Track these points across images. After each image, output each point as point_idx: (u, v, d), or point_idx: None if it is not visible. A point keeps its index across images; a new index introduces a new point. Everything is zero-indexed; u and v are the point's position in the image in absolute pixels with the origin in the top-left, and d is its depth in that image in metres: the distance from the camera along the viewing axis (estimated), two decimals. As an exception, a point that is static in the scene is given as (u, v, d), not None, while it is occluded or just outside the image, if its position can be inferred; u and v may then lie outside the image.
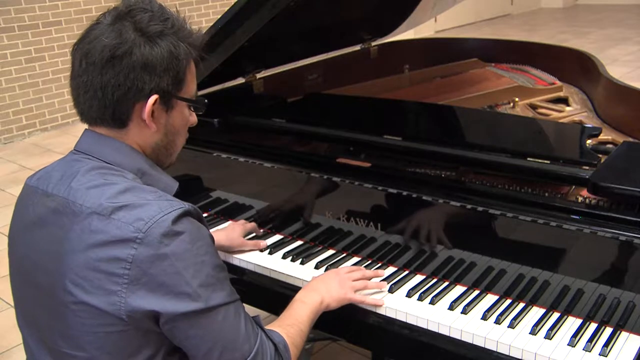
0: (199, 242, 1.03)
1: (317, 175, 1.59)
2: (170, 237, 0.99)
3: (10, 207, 1.20)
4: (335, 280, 1.38)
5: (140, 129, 1.11)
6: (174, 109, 1.13)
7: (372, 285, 1.42)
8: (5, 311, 2.77)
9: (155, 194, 1.06)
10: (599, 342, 1.22)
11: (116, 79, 1.05)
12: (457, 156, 1.51)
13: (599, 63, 2.26)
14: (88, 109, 1.09)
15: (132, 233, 0.99)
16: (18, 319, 1.19)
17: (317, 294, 1.33)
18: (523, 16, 9.81)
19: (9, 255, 1.18)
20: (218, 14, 1.68)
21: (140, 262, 0.98)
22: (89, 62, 1.06)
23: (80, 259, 1.01)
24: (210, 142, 1.78)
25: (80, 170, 1.08)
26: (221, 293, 1.05)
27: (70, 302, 1.02)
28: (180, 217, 1.02)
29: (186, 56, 1.11)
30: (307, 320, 1.27)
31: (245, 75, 2.08)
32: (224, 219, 1.80)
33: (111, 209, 1.01)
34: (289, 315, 1.26)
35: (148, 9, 1.09)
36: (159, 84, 1.08)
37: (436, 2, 2.54)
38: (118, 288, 0.99)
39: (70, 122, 5.53)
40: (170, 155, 1.20)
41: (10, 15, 5.03)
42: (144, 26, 1.07)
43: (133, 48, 1.05)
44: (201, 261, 1.03)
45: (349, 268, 1.45)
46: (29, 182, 1.17)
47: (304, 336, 1.24)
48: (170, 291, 1.00)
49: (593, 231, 1.24)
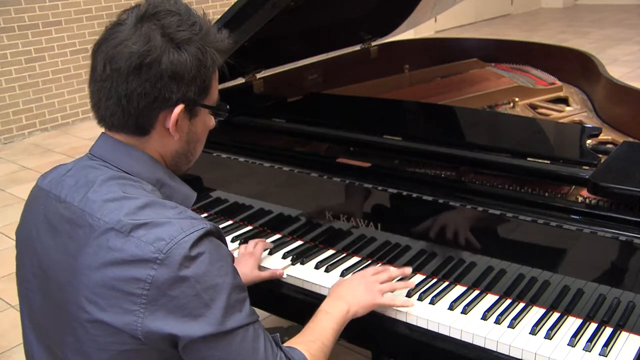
0: (219, 263, 1.00)
1: (317, 175, 1.59)
2: (192, 260, 0.96)
3: (10, 207, 1.19)
4: (362, 285, 1.34)
5: (162, 138, 1.08)
6: (197, 116, 1.10)
7: (399, 287, 1.39)
8: (5, 311, 2.77)
9: (176, 211, 1.02)
10: (599, 342, 1.23)
11: (142, 88, 1.01)
12: (457, 156, 1.51)
13: (599, 63, 2.26)
14: (110, 116, 1.05)
15: (153, 254, 0.95)
16: (23, 319, 1.16)
17: (343, 303, 1.28)
18: (523, 16, 9.81)
19: (17, 256, 1.16)
20: (218, 14, 1.68)
21: (160, 284, 0.95)
22: (114, 68, 1.01)
23: (96, 276, 0.98)
24: (210, 142, 1.77)
25: (97, 179, 1.04)
26: (240, 315, 1.01)
27: (84, 319, 0.99)
28: (201, 237, 0.98)
29: (213, 63, 1.07)
30: (331, 333, 1.22)
31: (245, 75, 2.08)
32: (224, 219, 1.81)
33: (130, 227, 0.97)
34: (312, 329, 1.22)
35: (175, 11, 1.04)
36: (186, 93, 1.05)
37: (436, 2, 2.54)
38: (136, 308, 0.96)
39: (70, 122, 5.53)
40: (190, 162, 1.17)
41: (10, 15, 5.03)
42: (172, 32, 1.02)
43: (162, 56, 1.01)
44: (221, 282, 0.99)
45: (375, 269, 1.41)
46: (40, 183, 1.13)
47: (328, 351, 1.19)
48: (189, 314, 0.97)
49: (593, 231, 1.25)
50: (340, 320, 1.25)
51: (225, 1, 6.50)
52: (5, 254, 3.21)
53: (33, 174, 4.26)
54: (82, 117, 5.56)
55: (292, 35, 2.09)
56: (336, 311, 1.26)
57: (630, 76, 5.72)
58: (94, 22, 5.51)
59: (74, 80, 5.49)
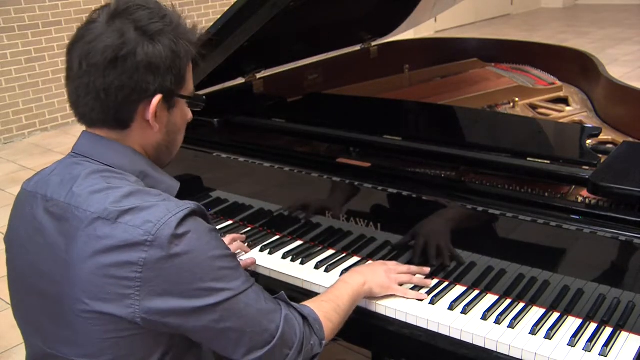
0: (207, 237, 1.03)
1: (317, 175, 1.59)
2: (180, 237, 0.99)
3: (10, 207, 1.19)
4: (382, 269, 1.40)
5: (142, 130, 1.10)
6: (175, 107, 1.13)
7: (416, 281, 1.43)
8: (5, 311, 2.77)
9: (159, 197, 1.04)
10: (599, 342, 1.22)
11: (120, 80, 1.03)
12: (457, 156, 1.51)
13: (599, 63, 2.26)
14: (90, 112, 1.07)
15: (142, 236, 0.97)
16: (20, 326, 1.17)
17: (361, 276, 1.35)
18: (523, 16, 9.81)
19: (8, 261, 1.16)
20: (218, 14, 1.68)
21: (153, 264, 0.97)
22: (90, 64, 1.03)
23: (89, 266, 0.99)
24: (210, 142, 1.78)
25: (81, 174, 1.06)
26: (237, 282, 1.05)
27: (81, 310, 1.00)
28: (187, 216, 1.01)
29: (186, 54, 1.10)
30: (347, 299, 1.27)
31: (245, 75, 2.08)
32: (224, 219, 1.81)
33: (117, 213, 0.99)
34: (328, 292, 1.28)
35: (145, 5, 1.07)
36: (163, 83, 1.07)
37: (436, 2, 2.54)
38: (131, 292, 0.98)
39: (70, 122, 5.53)
40: (171, 154, 1.19)
41: (10, 15, 5.03)
42: (144, 25, 1.04)
43: (137, 48, 1.03)
44: (212, 255, 1.02)
45: (396, 262, 1.46)
46: (26, 187, 1.15)
47: (343, 314, 1.25)
48: (185, 289, 0.99)
49: (593, 231, 1.24)
50: (356, 290, 1.31)
51: (225, 1, 6.50)
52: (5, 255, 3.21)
53: (33, 174, 4.26)
54: (82, 117, 5.56)
55: (292, 35, 2.09)
56: (354, 281, 1.32)
57: (630, 76, 5.72)
58: (94, 22, 5.50)
59: (74, 80, 5.49)
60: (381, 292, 1.37)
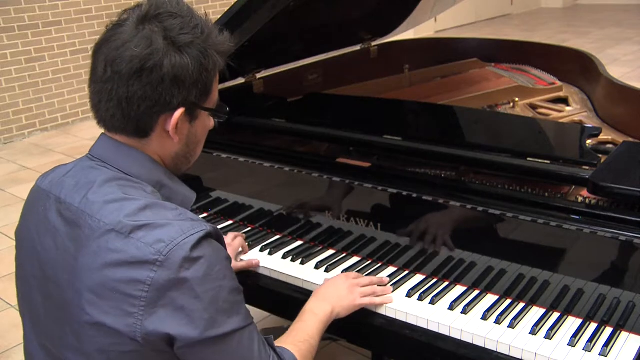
0: (218, 266, 1.00)
1: (317, 175, 1.59)
2: (192, 261, 0.96)
3: (10, 207, 1.19)
4: (345, 286, 1.37)
5: (162, 140, 1.08)
6: (197, 119, 1.10)
7: (379, 291, 1.42)
8: (5, 311, 2.77)
9: (176, 212, 1.02)
10: (599, 342, 1.23)
11: (143, 91, 1.01)
12: (457, 156, 1.51)
13: (599, 63, 2.26)
14: (110, 117, 1.05)
15: (152, 255, 0.95)
16: (23, 320, 1.16)
17: (327, 304, 1.32)
18: (523, 16, 9.81)
19: (17, 257, 1.16)
20: (218, 14, 1.68)
21: (160, 286, 0.95)
22: (115, 71, 1.01)
23: (96, 277, 0.98)
24: (210, 142, 1.77)
25: (97, 180, 1.04)
26: (237, 318, 1.02)
27: (84, 321, 0.99)
28: (201, 240, 0.98)
29: (214, 66, 1.07)
30: (317, 334, 1.26)
31: (245, 75, 2.08)
32: (224, 219, 1.81)
33: (130, 228, 0.97)
34: (300, 329, 1.25)
35: (177, 13, 1.04)
36: (187, 97, 1.04)
37: (436, 2, 2.54)
38: (135, 310, 0.96)
39: (70, 122, 5.54)
40: (190, 163, 1.17)
41: (10, 15, 5.03)
42: (174, 35, 1.02)
43: (164, 60, 1.00)
44: (219, 286, 0.99)
45: (356, 274, 1.45)
46: (40, 184, 1.13)
47: (314, 351, 1.23)
48: (187, 316, 0.97)
49: (593, 231, 1.25)
50: (325, 320, 1.30)
51: (225, 1, 6.50)
52: (5, 254, 3.22)
53: (33, 174, 4.26)
54: (82, 117, 5.56)
55: (292, 35, 2.09)
56: (322, 312, 1.31)
57: (630, 76, 5.72)
58: (94, 22, 5.51)
59: (74, 80, 5.49)
60: (348, 313, 1.35)
